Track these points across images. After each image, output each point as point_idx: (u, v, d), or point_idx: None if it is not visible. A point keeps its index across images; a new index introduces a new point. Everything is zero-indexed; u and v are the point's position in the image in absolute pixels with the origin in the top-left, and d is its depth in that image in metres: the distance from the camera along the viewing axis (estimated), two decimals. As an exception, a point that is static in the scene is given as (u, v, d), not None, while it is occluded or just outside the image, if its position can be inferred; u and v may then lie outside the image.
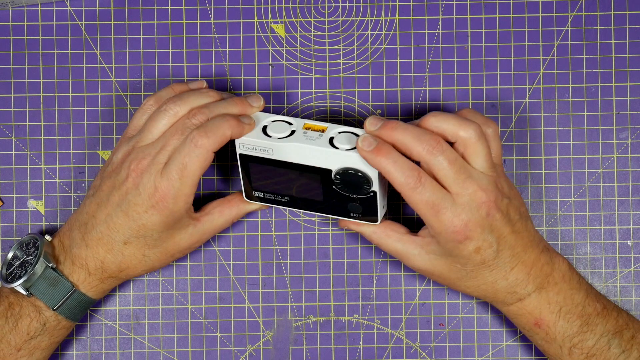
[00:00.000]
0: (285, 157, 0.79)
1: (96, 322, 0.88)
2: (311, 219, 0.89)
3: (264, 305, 0.89)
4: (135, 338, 0.88)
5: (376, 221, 0.81)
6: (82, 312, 0.82)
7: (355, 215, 0.81)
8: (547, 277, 0.81)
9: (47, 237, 0.82)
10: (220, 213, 0.83)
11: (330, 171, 0.78)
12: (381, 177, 0.79)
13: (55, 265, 0.80)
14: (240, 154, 0.80)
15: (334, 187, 0.79)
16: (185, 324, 0.89)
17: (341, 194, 0.80)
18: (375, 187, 0.79)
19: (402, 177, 0.76)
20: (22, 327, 0.80)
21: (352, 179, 0.78)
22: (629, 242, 0.89)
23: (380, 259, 0.89)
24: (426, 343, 0.89)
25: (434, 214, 0.77)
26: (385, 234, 0.82)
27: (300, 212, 0.88)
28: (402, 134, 0.76)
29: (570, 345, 0.80)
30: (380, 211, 0.81)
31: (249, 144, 0.79)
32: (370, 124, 0.77)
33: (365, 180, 0.78)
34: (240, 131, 0.78)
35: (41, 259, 0.80)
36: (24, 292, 0.80)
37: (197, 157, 0.77)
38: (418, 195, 0.76)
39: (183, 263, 0.88)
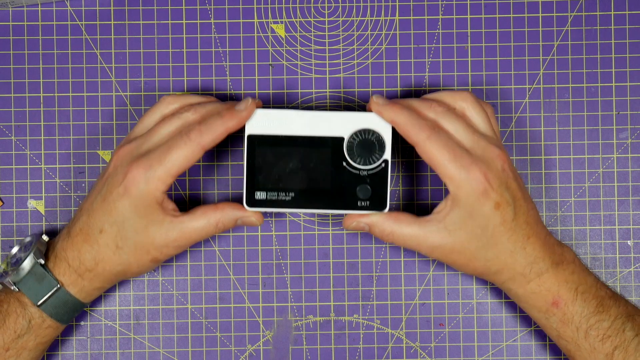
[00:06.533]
0: (296, 130, 0.80)
1: (96, 322, 0.88)
2: (311, 218, 0.89)
3: (264, 305, 0.89)
4: (135, 338, 0.88)
5: (385, 207, 0.81)
6: (68, 313, 0.81)
7: (363, 203, 0.81)
8: (560, 255, 0.81)
9: (45, 237, 0.83)
10: (203, 214, 0.80)
11: (342, 140, 0.80)
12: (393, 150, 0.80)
13: (43, 262, 0.80)
14: (249, 136, 0.80)
15: (344, 163, 0.80)
16: (185, 324, 0.89)
17: (351, 172, 0.80)
18: (388, 154, 0.80)
19: (417, 126, 0.77)
20: (9, 325, 0.80)
21: (365, 143, 0.79)
22: (629, 242, 0.89)
23: (380, 259, 0.89)
24: (426, 343, 0.89)
25: (453, 159, 0.77)
26: (398, 219, 0.80)
27: (301, 213, 0.88)
28: (411, 104, 0.80)
29: (586, 327, 0.79)
30: (389, 193, 0.81)
31: (260, 118, 0.80)
32: (378, 96, 0.80)
33: (379, 142, 0.79)
34: (238, 121, 0.79)
35: (31, 254, 0.80)
36: (12, 288, 0.80)
37: (185, 145, 0.78)
38: (434, 143, 0.77)
39: (183, 263, 0.88)
